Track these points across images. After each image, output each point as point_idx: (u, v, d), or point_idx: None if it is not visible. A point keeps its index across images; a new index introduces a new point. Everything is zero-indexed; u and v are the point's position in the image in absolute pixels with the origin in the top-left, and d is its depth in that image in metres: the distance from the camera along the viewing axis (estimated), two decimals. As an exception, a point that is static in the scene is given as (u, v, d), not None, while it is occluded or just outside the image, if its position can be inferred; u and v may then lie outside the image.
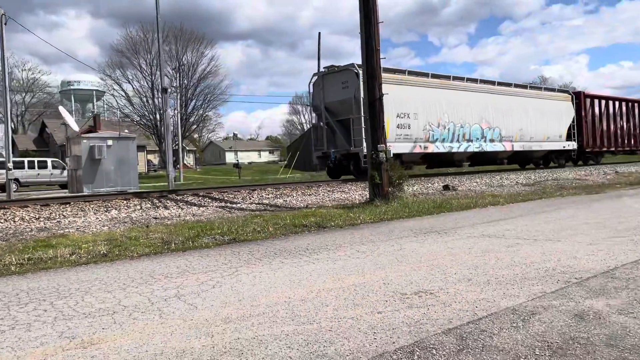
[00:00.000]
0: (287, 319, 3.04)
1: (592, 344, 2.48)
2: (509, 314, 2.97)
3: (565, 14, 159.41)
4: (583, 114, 25.69)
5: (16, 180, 26.19)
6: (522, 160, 24.14)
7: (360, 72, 15.39)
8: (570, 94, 25.58)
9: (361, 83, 15.34)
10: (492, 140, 20.91)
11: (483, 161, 22.20)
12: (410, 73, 18.79)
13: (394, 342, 2.62)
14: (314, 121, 19.74)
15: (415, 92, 18.22)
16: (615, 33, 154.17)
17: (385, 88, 10.51)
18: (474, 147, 20.07)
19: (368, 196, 10.49)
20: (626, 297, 3.19)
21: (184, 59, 49.32)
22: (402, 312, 3.08)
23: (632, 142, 28.91)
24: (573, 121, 25.03)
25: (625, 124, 28.31)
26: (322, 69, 18.30)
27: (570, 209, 8.07)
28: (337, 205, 10.38)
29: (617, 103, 28.10)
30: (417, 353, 2.48)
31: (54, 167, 29.68)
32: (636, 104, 29.55)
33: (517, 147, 22.03)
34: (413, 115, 18.11)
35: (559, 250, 4.71)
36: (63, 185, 28.64)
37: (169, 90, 28.60)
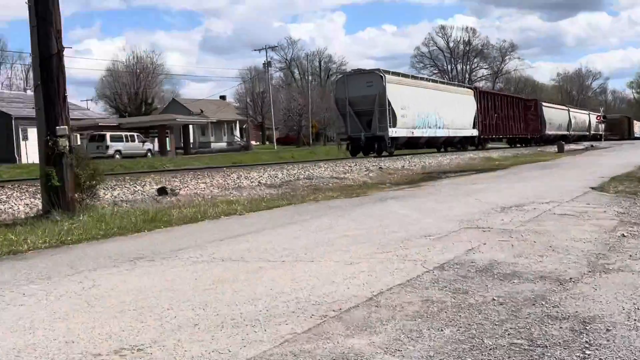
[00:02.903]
0: None
1: (354, 397, 2.77)
2: (250, 368, 3.12)
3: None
4: (478, 106, 42.80)
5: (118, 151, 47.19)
6: (449, 144, 40.11)
7: (385, 75, 32.03)
8: (472, 89, 45.10)
9: (386, 84, 31.54)
10: (439, 128, 37.02)
11: (432, 145, 38.12)
12: (404, 75, 36.88)
13: None
14: (337, 110, 35.71)
15: (408, 91, 33.75)
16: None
17: (395, 88, 31.93)
18: (430, 133, 36.03)
19: (41, 207, 9.90)
20: (392, 330, 3.65)
21: None
22: (96, 384, 2.97)
23: (506, 131, 48.62)
24: (476, 112, 42.36)
25: (499, 115, 47.30)
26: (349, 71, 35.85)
27: (327, 218, 8.91)
28: (-11, 222, 9.54)
29: (497, 98, 48.86)
30: None
31: (140, 141, 51.60)
32: (507, 99, 51.17)
33: (451, 133, 38.68)
34: (408, 108, 33.12)
35: (313, 273, 5.15)
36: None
37: None
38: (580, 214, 8.21)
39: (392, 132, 31.45)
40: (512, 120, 50.47)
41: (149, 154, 51.12)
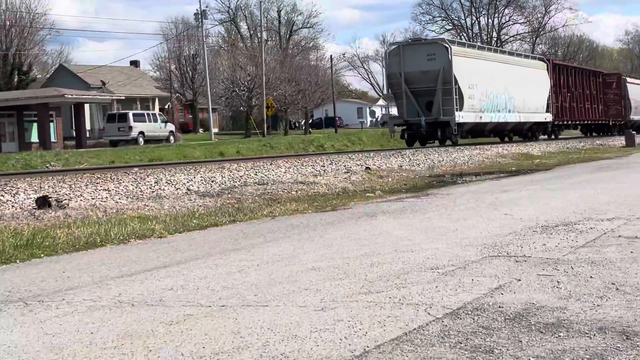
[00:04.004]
0: None
1: None
2: None
3: None
4: (551, 83, 47.93)
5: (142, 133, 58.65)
6: (517, 132, 47.10)
7: (451, 47, 38.49)
8: (545, 61, 50.36)
9: (452, 58, 37.27)
10: (509, 111, 43.01)
11: (498, 133, 45.14)
12: (470, 45, 44.88)
13: None
14: (386, 89, 50.76)
15: (477, 65, 39.64)
16: None
17: (463, 62, 38.17)
18: (500, 118, 41.95)
19: None
20: (382, 406, 3.65)
21: None
22: None
23: (581, 116, 53.46)
24: (549, 92, 47.81)
25: (573, 95, 52.30)
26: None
27: (288, 242, 8.88)
28: None
29: (571, 72, 53.74)
30: None
31: (163, 121, 63.36)
32: (582, 73, 55.85)
33: (522, 118, 44.91)
34: (476, 87, 39.04)
35: (267, 324, 5.12)
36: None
37: None
38: (658, 237, 8.26)
39: (459, 117, 37.24)
40: (588, 101, 54.19)
41: (171, 137, 60.27)
